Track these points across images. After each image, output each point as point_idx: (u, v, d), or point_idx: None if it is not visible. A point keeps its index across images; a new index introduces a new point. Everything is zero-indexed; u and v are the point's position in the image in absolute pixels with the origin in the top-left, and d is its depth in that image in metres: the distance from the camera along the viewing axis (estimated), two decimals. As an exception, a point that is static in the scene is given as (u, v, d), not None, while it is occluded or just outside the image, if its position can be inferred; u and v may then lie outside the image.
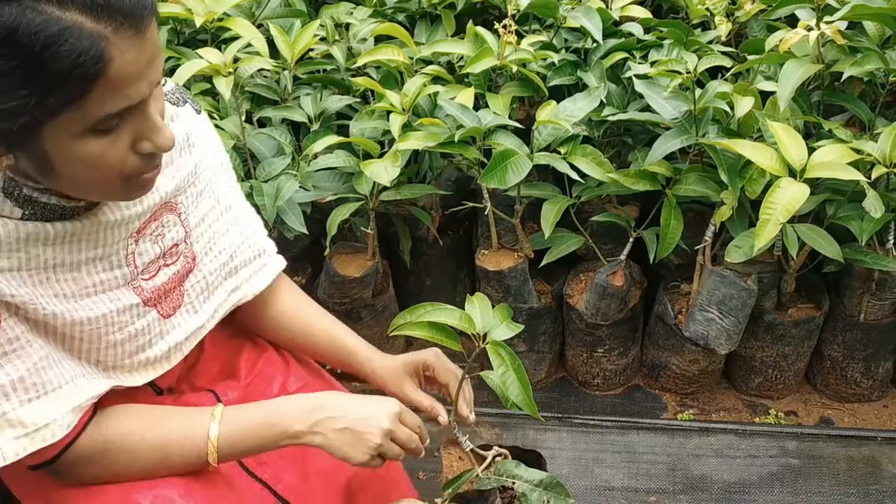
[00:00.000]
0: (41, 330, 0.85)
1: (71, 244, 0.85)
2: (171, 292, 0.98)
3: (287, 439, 0.94)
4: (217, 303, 1.05)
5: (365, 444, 0.94)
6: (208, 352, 1.13)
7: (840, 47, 1.50)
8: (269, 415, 0.95)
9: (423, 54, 1.68)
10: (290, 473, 1.04)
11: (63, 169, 0.75)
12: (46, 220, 0.82)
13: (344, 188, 1.59)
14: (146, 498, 0.89)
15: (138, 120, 0.76)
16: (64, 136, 0.72)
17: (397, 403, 0.99)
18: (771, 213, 1.28)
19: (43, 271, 0.83)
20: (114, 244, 0.89)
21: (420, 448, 1.02)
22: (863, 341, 1.67)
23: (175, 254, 0.97)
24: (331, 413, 0.95)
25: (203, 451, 0.92)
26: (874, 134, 1.50)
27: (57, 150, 0.73)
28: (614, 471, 1.66)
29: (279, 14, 1.86)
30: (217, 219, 1.03)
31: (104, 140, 0.74)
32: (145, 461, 0.91)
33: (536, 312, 1.73)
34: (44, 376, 0.84)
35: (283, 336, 1.16)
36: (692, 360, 1.73)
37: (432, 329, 1.03)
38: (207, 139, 1.03)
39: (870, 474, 1.63)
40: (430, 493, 1.60)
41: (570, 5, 1.74)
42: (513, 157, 1.44)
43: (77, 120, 0.71)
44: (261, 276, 1.11)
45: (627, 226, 1.66)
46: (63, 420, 0.85)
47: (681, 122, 1.49)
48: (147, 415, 0.94)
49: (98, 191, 0.81)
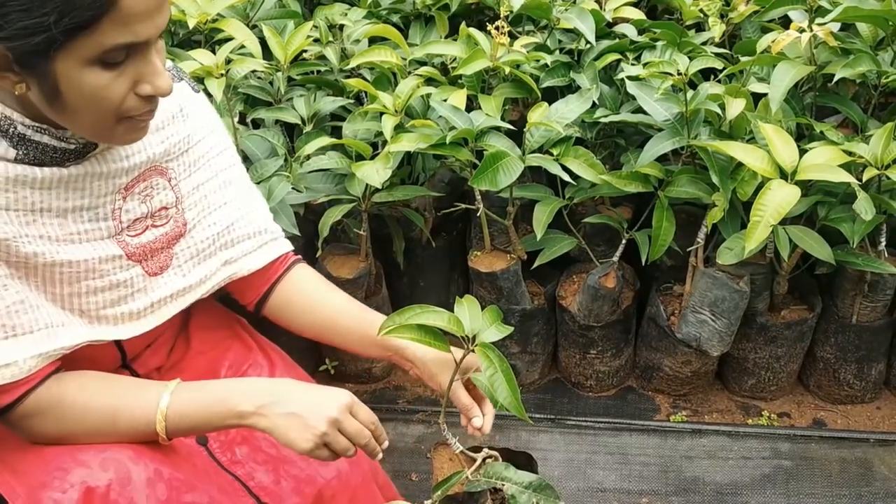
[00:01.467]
0: (21, 271, 0.88)
1: (58, 190, 0.90)
2: (158, 252, 1.02)
3: (234, 419, 0.94)
4: (208, 270, 1.08)
5: (309, 431, 0.93)
6: (195, 348, 1.14)
7: (832, 49, 1.50)
8: (220, 393, 0.96)
9: (416, 55, 1.68)
10: (263, 475, 1.04)
11: (68, 98, 0.80)
12: (37, 164, 0.87)
13: (336, 190, 1.59)
14: (95, 459, 0.89)
15: (142, 62, 0.82)
16: (73, 63, 0.78)
17: (350, 395, 0.98)
18: (762, 214, 1.28)
19: (30, 213, 0.88)
20: (100, 196, 0.94)
21: (374, 445, 0.99)
22: (855, 343, 1.67)
23: (164, 216, 1.02)
24: (279, 397, 0.95)
25: (152, 420, 0.93)
26: (866, 136, 1.50)
27: (66, 77, 0.79)
28: (607, 472, 1.66)
29: (273, 15, 1.85)
30: (214, 191, 1.08)
31: (109, 74, 0.80)
32: (94, 421, 0.92)
33: (529, 314, 1.73)
34: (15, 319, 0.87)
35: (313, 326, 1.16)
36: (685, 361, 1.73)
37: (421, 331, 1.03)
38: (204, 116, 1.08)
39: (862, 476, 1.63)
40: (423, 495, 1.61)
41: (563, 7, 1.74)
42: (504, 158, 1.44)
43: (87, 47, 0.77)
44: (259, 254, 1.13)
45: (620, 227, 1.66)
46: (25, 364, 0.88)
47: (673, 123, 1.49)
48: (104, 378, 0.96)
49: (96, 127, 0.85)
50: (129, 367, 1.08)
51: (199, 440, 1.08)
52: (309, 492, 1.05)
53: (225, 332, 1.21)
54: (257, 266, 1.12)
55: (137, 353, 1.09)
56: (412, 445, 1.74)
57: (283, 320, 1.18)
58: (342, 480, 1.06)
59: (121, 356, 1.07)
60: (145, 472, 0.89)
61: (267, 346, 1.23)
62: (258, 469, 1.05)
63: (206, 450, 1.07)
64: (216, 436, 1.09)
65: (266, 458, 1.06)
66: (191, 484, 0.95)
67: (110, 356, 1.06)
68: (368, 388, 1.90)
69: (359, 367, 1.87)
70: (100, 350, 1.02)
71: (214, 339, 1.19)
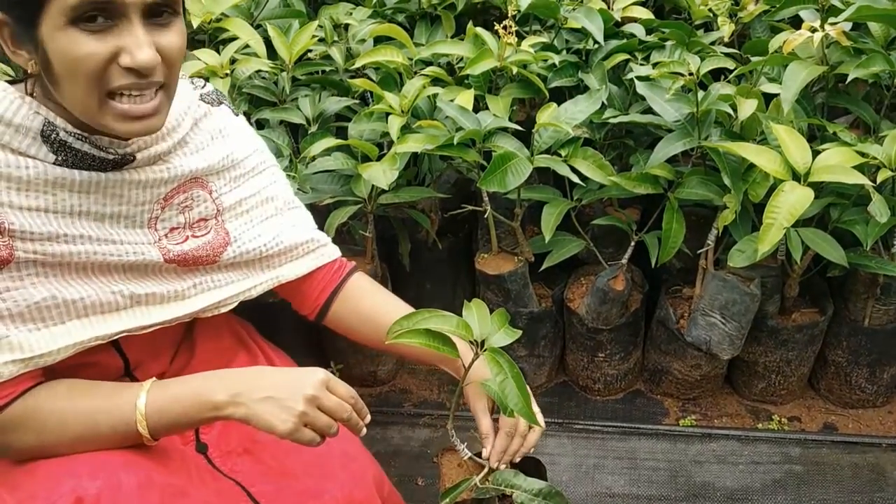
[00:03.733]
0: (56, 269, 0.91)
1: (97, 195, 0.92)
2: (200, 260, 1.04)
3: (210, 411, 0.93)
4: (254, 281, 1.11)
5: (288, 412, 0.91)
6: (199, 357, 1.12)
7: (844, 49, 1.48)
8: (194, 386, 0.94)
9: (422, 55, 1.66)
10: (265, 484, 1.03)
11: (56, 66, 0.82)
12: (77, 168, 0.89)
13: (342, 191, 1.58)
14: (85, 468, 0.88)
15: (125, 32, 0.83)
16: (53, 26, 0.80)
17: (324, 372, 0.96)
18: (775, 217, 1.26)
19: (69, 216, 0.91)
20: (138, 205, 0.96)
21: (355, 419, 0.97)
22: (867, 346, 1.65)
23: (204, 227, 1.05)
24: (253, 383, 0.94)
25: (131, 420, 0.91)
26: (879, 136, 1.48)
27: (50, 43, 0.81)
28: (615, 477, 1.64)
29: (278, 14, 1.84)
30: (256, 206, 1.11)
31: (88, 38, 0.81)
32: (74, 429, 0.90)
33: (537, 317, 1.71)
34: (45, 313, 0.90)
35: (377, 336, 1.16)
36: (694, 365, 1.71)
37: (429, 336, 1.01)
38: (245, 137, 1.12)
39: (874, 481, 1.61)
40: (429, 500, 1.59)
41: (571, 6, 1.72)
42: (513, 159, 1.42)
43: (58, 6, 0.79)
44: (304, 261, 1.16)
45: (629, 229, 1.64)
46: (5, 368, 0.88)
47: (683, 124, 1.47)
48: (80, 385, 0.94)
49: (85, 104, 0.86)
50: (131, 375, 1.06)
51: (199, 448, 1.06)
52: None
53: (230, 340, 1.20)
54: (302, 272, 1.15)
55: (140, 361, 1.08)
56: (418, 450, 1.72)
57: (344, 330, 1.20)
58: (346, 494, 1.04)
59: (124, 365, 1.06)
60: (136, 478, 0.88)
61: (272, 354, 1.22)
62: (259, 479, 1.03)
63: (206, 458, 1.05)
64: (216, 444, 1.07)
65: (267, 470, 1.04)
66: (184, 490, 0.93)
67: (114, 365, 1.04)
68: (374, 391, 1.88)
69: (364, 370, 1.85)
70: (104, 357, 1.01)
71: (219, 347, 1.18)
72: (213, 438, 1.08)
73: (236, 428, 1.07)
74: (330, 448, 1.03)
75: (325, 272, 1.19)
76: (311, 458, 1.04)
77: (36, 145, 0.87)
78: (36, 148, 0.87)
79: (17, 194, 0.87)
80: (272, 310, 1.59)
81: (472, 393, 1.15)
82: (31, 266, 0.89)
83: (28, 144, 0.87)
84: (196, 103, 1.05)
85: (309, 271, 1.16)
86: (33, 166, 0.87)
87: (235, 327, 1.22)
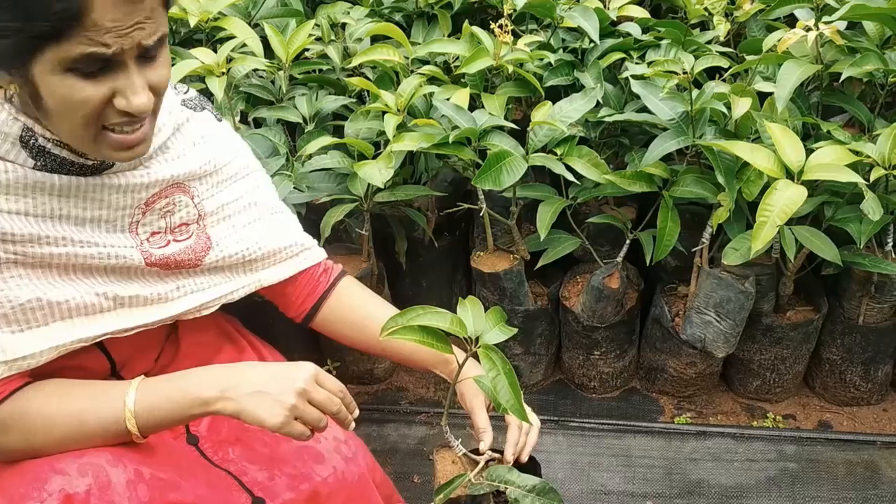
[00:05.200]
0: (38, 270, 0.90)
1: (77, 199, 0.92)
2: (182, 263, 1.04)
3: (199, 407, 0.93)
4: (236, 285, 1.11)
5: (279, 406, 0.91)
6: (184, 351, 1.13)
7: (839, 48, 1.48)
8: (183, 383, 0.95)
9: (418, 54, 1.67)
10: (257, 472, 1.03)
11: (48, 102, 0.82)
12: (56, 172, 0.90)
13: (338, 189, 1.58)
14: (73, 465, 0.88)
15: (120, 76, 0.82)
16: (48, 68, 0.79)
17: (313, 366, 0.97)
18: (768, 215, 1.27)
19: (49, 220, 0.91)
20: (119, 209, 0.97)
21: (345, 413, 0.98)
22: (862, 344, 1.66)
23: (185, 232, 1.05)
24: (242, 378, 0.94)
25: (121, 419, 0.91)
26: (873, 135, 1.49)
27: (43, 82, 0.80)
28: (610, 475, 1.65)
29: (275, 13, 1.85)
30: (239, 211, 1.11)
31: (84, 83, 0.81)
32: (62, 429, 0.90)
33: (532, 315, 1.72)
34: (30, 315, 0.90)
35: (365, 341, 1.19)
36: (689, 362, 1.71)
37: (424, 333, 1.02)
38: (228, 142, 1.12)
39: (868, 479, 1.61)
40: (425, 498, 1.60)
41: (567, 5, 1.73)
42: (507, 158, 1.43)
43: (56, 55, 0.78)
44: (287, 265, 1.16)
45: (624, 227, 1.65)
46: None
47: (678, 123, 1.48)
48: (66, 384, 0.94)
49: (77, 136, 0.86)
50: (118, 375, 1.06)
51: (189, 440, 1.07)
52: (304, 488, 1.03)
53: (215, 334, 1.20)
54: (284, 276, 1.15)
55: (126, 360, 1.08)
56: (414, 447, 1.72)
57: (332, 334, 1.21)
58: (338, 478, 1.05)
59: (110, 365, 1.06)
60: (125, 474, 0.88)
61: (261, 347, 1.23)
62: (251, 467, 1.04)
63: (197, 449, 1.06)
64: (208, 435, 1.08)
65: (259, 457, 1.05)
66: (174, 483, 0.94)
67: (100, 367, 1.05)
68: (370, 389, 1.89)
69: (361, 368, 1.85)
70: (90, 359, 1.01)
71: (204, 340, 1.18)
72: (203, 430, 1.08)
73: (227, 418, 1.07)
74: (321, 433, 1.04)
75: (309, 275, 1.19)
76: (302, 443, 1.04)
77: (15, 150, 0.87)
78: (15, 153, 0.87)
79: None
80: (268, 308, 1.59)
81: (468, 390, 1.15)
82: (13, 268, 0.89)
83: (7, 149, 0.87)
84: (178, 109, 1.05)
85: (291, 275, 1.16)
86: (13, 170, 0.87)
87: (220, 321, 1.23)
